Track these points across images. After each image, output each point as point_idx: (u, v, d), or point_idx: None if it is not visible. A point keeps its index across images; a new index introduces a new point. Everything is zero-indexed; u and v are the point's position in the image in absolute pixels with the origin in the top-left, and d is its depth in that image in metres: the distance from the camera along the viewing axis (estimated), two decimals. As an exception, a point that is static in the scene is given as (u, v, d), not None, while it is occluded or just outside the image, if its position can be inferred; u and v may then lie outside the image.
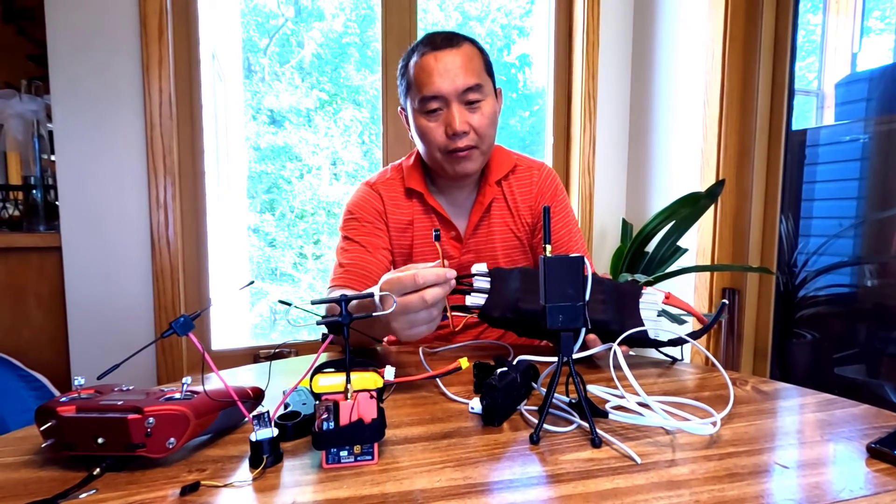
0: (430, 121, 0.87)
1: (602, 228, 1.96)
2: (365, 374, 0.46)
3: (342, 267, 0.91)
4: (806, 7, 1.50)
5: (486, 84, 0.88)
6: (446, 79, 0.84)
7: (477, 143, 0.87)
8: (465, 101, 0.85)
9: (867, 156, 1.38)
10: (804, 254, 1.53)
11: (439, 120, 0.87)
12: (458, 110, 0.85)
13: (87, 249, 1.41)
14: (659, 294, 0.72)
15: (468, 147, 0.86)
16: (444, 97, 0.85)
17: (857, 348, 1.43)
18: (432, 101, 0.85)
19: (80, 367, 1.41)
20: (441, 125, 0.87)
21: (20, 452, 0.48)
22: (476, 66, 0.87)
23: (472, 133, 0.86)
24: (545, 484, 0.42)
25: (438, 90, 0.84)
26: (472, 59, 0.86)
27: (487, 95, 0.88)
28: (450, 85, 0.84)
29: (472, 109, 0.86)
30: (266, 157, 3.65)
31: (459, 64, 0.84)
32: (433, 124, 0.87)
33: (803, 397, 0.61)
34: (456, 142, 0.86)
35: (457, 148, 0.86)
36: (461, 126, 0.85)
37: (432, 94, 0.85)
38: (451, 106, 0.85)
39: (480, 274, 0.72)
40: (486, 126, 0.87)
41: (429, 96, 0.85)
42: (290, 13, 3.66)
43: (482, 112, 0.87)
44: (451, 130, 0.85)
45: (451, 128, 0.85)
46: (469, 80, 0.85)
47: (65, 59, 1.36)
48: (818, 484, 0.42)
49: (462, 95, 0.85)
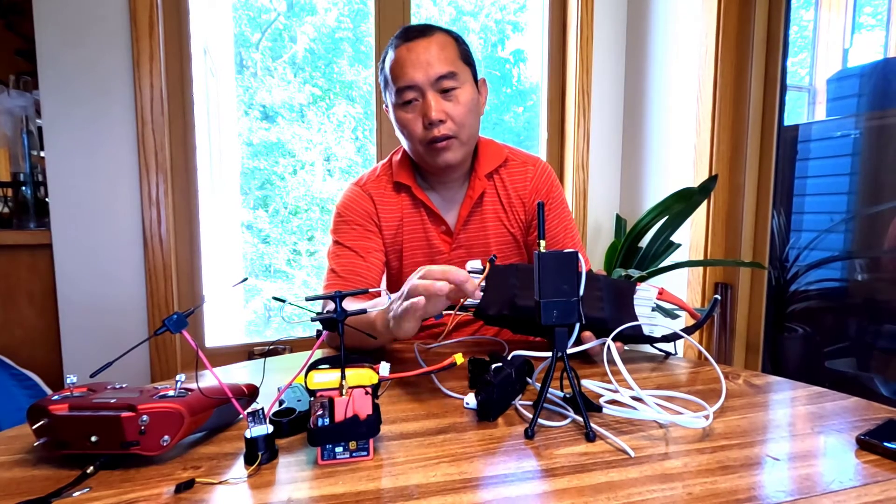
0: (408, 112, 0.87)
1: (596, 224, 1.97)
2: (360, 370, 0.46)
3: (335, 273, 0.90)
4: (798, 3, 1.50)
5: (461, 72, 0.87)
6: (419, 68, 0.84)
7: (455, 133, 0.86)
8: (439, 90, 0.85)
9: (858, 151, 1.39)
10: (796, 249, 1.54)
11: (416, 111, 0.86)
12: (433, 98, 0.84)
13: (78, 247, 1.40)
14: (653, 290, 0.73)
15: (446, 136, 0.86)
16: (419, 87, 0.84)
17: (848, 342, 1.44)
18: (407, 91, 0.85)
19: (72, 365, 1.40)
20: (418, 116, 0.86)
21: (13, 451, 0.48)
22: (450, 54, 0.86)
23: (449, 122, 0.86)
24: (540, 478, 0.42)
25: (412, 80, 0.84)
26: (444, 48, 0.85)
27: (464, 83, 0.87)
28: (423, 74, 0.84)
29: (448, 97, 0.86)
30: (259, 153, 3.63)
31: (432, 52, 0.84)
32: (410, 115, 0.87)
33: (794, 390, 0.62)
34: (433, 131, 0.85)
35: (434, 138, 0.85)
36: (437, 114, 0.84)
37: (406, 85, 0.85)
38: (425, 95, 0.85)
39: (476, 271, 0.72)
40: (463, 114, 0.86)
41: (403, 87, 0.85)
42: (283, 7, 3.63)
43: (458, 100, 0.86)
44: (427, 120, 0.85)
45: (427, 117, 0.84)
46: (442, 69, 0.84)
47: (54, 54, 1.34)
48: (809, 476, 0.42)
49: (436, 84, 0.84)
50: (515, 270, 0.74)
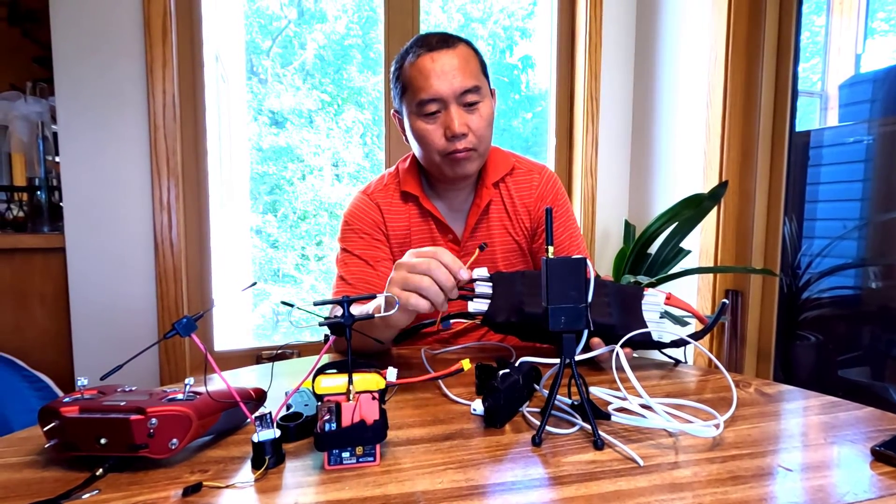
0: (428, 123, 0.86)
1: (605, 230, 1.96)
2: (367, 375, 0.46)
3: (344, 280, 0.91)
4: (810, 8, 1.49)
5: (483, 85, 0.87)
6: (444, 80, 0.83)
7: (475, 145, 0.87)
8: (463, 103, 0.85)
9: (871, 157, 1.38)
10: (808, 255, 1.52)
11: (437, 122, 0.86)
12: (457, 112, 0.84)
13: (90, 250, 1.41)
14: (660, 295, 0.72)
15: (467, 149, 0.86)
16: (443, 99, 0.84)
17: (862, 351, 1.42)
18: (430, 103, 0.85)
19: (83, 367, 1.42)
20: (439, 127, 0.86)
21: (23, 453, 0.49)
22: (473, 67, 0.86)
23: (470, 135, 0.86)
24: (547, 486, 0.42)
25: (437, 92, 0.83)
26: (468, 61, 0.86)
27: (485, 97, 0.87)
28: (448, 87, 0.83)
29: (471, 111, 0.86)
30: (268, 158, 3.66)
31: (457, 65, 0.84)
32: (431, 127, 0.86)
33: (807, 400, 0.61)
34: (455, 144, 0.85)
35: (456, 150, 0.85)
36: (460, 128, 0.84)
37: (430, 97, 0.84)
38: (449, 108, 0.84)
39: (482, 279, 0.72)
40: (484, 128, 0.87)
41: (427, 99, 0.84)
42: (293, 15, 3.67)
43: (480, 113, 0.86)
44: (451, 133, 0.84)
45: (451, 130, 0.84)
46: (467, 82, 0.84)
47: (69, 61, 1.37)
48: (822, 487, 0.42)
49: (460, 97, 0.84)
50: (522, 277, 0.73)
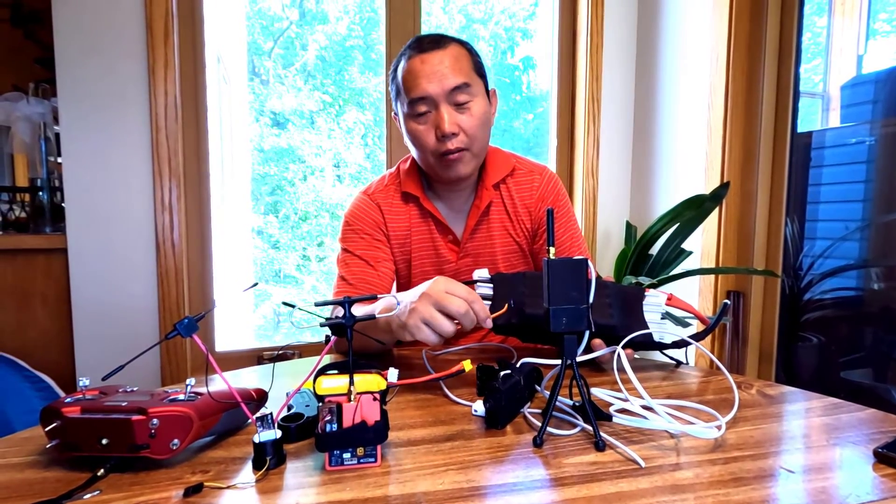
0: (420, 124, 0.86)
1: (606, 231, 1.96)
2: (368, 376, 0.46)
3: (345, 280, 0.91)
4: (811, 9, 1.49)
5: (474, 84, 0.86)
6: (433, 80, 0.83)
7: (467, 145, 0.86)
8: (453, 102, 0.85)
9: (873, 158, 1.37)
10: (810, 257, 1.52)
11: (429, 122, 0.86)
12: (447, 111, 0.84)
13: (92, 251, 1.42)
14: (661, 296, 0.72)
15: (458, 149, 0.85)
16: (432, 98, 0.84)
17: (864, 352, 1.42)
18: (420, 103, 0.85)
19: (85, 367, 1.42)
20: (431, 128, 0.86)
21: (25, 453, 0.49)
22: (464, 65, 0.86)
23: (461, 134, 0.85)
24: (549, 487, 0.42)
25: (425, 91, 0.83)
26: (458, 59, 0.85)
27: (476, 95, 0.86)
28: (437, 86, 0.83)
29: (461, 110, 0.85)
30: (269, 159, 3.66)
31: (447, 64, 0.84)
32: (423, 127, 0.86)
33: (809, 401, 0.61)
34: (446, 143, 0.85)
35: (447, 150, 0.85)
36: (450, 127, 0.84)
37: (419, 96, 0.84)
38: (439, 108, 0.84)
39: (483, 280, 0.72)
40: (475, 127, 0.86)
41: (416, 98, 0.84)
42: (295, 16, 3.68)
43: (472, 112, 0.85)
44: (441, 132, 0.84)
45: (441, 129, 0.84)
46: (456, 80, 0.84)
47: (72, 62, 1.37)
48: (824, 489, 0.42)
49: (450, 96, 0.84)
50: (523, 278, 0.73)
